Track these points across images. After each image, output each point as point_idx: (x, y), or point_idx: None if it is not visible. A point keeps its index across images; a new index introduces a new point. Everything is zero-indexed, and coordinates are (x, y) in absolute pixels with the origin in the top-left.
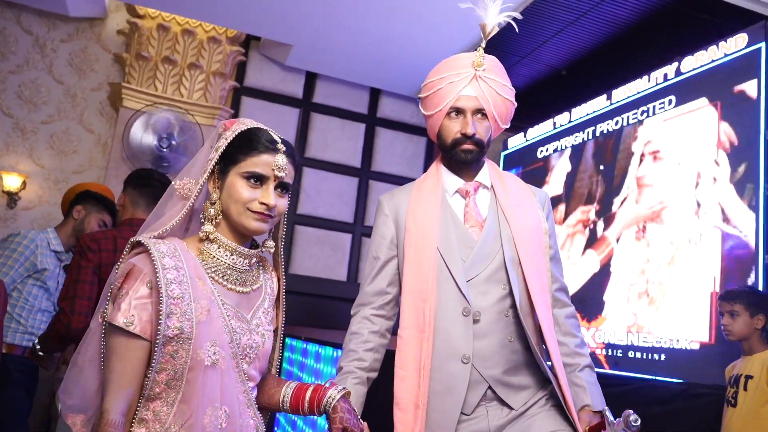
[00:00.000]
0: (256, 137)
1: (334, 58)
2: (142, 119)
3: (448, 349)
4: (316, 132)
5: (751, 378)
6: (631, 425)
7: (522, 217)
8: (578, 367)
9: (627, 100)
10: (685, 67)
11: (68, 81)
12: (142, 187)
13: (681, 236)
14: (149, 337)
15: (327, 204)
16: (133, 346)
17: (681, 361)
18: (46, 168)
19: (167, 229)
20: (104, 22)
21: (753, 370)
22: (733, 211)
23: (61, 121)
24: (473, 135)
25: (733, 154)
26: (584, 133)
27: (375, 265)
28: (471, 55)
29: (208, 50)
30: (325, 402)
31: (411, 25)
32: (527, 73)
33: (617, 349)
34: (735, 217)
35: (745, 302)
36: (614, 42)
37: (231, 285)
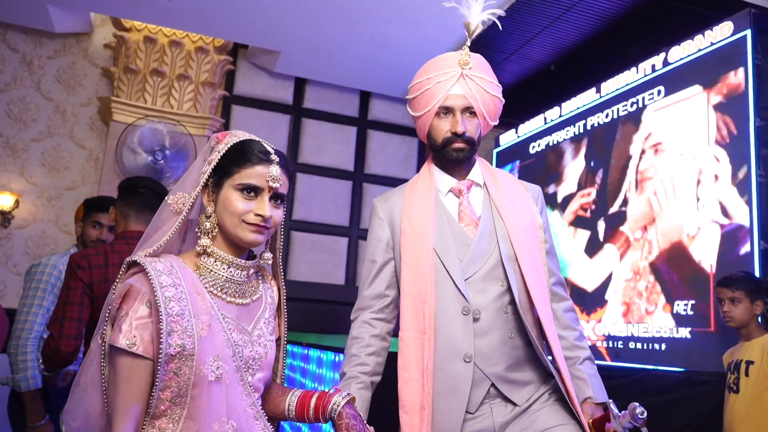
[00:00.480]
0: (249, 149)
1: (323, 63)
2: (133, 133)
3: (449, 349)
4: (308, 137)
5: (752, 363)
6: (638, 417)
7: (516, 213)
8: (579, 359)
9: (616, 93)
10: (673, 57)
11: (57, 97)
12: (128, 197)
13: (680, 228)
14: (152, 356)
15: (322, 209)
16: (137, 366)
17: (681, 350)
18: (39, 185)
19: (161, 245)
20: (90, 37)
21: (753, 355)
22: (729, 199)
23: (51, 137)
24: (463, 133)
25: (726, 143)
26: (575, 127)
27: (372, 269)
28: (457, 54)
29: (196, 60)
30: (330, 408)
31: (398, 26)
32: (516, 70)
33: (618, 340)
34: (731, 205)
35: (746, 288)
36: (601, 35)
37: (230, 298)
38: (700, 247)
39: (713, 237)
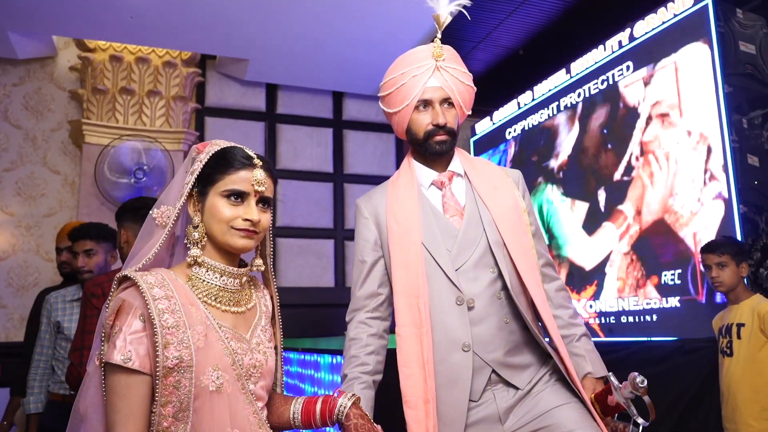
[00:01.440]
0: (231, 155)
1: (293, 68)
2: (110, 155)
3: (447, 340)
4: (285, 143)
5: (743, 326)
6: (638, 386)
7: (499, 199)
8: (575, 337)
9: (586, 72)
10: (638, 31)
11: (26, 124)
12: (139, 218)
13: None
14: (149, 371)
15: (305, 213)
16: (134, 382)
17: (672, 319)
18: (16, 215)
19: (150, 258)
20: (55, 61)
21: (744, 317)
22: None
23: (24, 166)
24: (445, 124)
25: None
26: (549, 109)
27: (363, 269)
28: (428, 47)
29: (165, 75)
30: (336, 411)
31: (365, 24)
32: (485, 58)
33: (610, 316)
34: (707, 172)
35: (731, 252)
36: (567, 16)
37: (225, 307)
38: (681, 215)
39: (692, 204)
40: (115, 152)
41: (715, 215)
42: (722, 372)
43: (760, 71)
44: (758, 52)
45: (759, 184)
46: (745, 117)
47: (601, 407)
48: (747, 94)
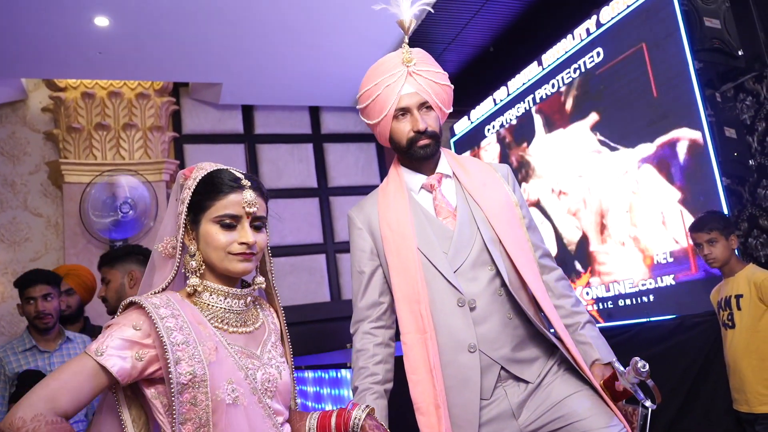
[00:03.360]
0: (218, 179)
1: (267, 87)
2: (92, 192)
3: (453, 343)
4: (266, 162)
5: (742, 297)
6: (640, 371)
7: (490, 195)
8: (579, 325)
9: (558, 62)
10: (604, 17)
11: (3, 170)
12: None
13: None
14: (118, 377)
15: (294, 230)
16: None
17: (670, 297)
18: (2, 263)
19: (162, 288)
20: (26, 103)
21: (741, 288)
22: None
23: (5, 212)
24: (426, 129)
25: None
26: (525, 103)
27: (362, 280)
28: (398, 54)
29: (139, 107)
30: (352, 424)
31: (334, 37)
32: (457, 58)
33: (607, 301)
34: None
35: (718, 227)
36: (533, 8)
37: (233, 328)
38: (665, 192)
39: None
40: (98, 189)
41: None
42: (726, 344)
43: (727, 44)
44: (723, 26)
45: (738, 155)
46: (718, 91)
47: (610, 393)
48: (717, 68)
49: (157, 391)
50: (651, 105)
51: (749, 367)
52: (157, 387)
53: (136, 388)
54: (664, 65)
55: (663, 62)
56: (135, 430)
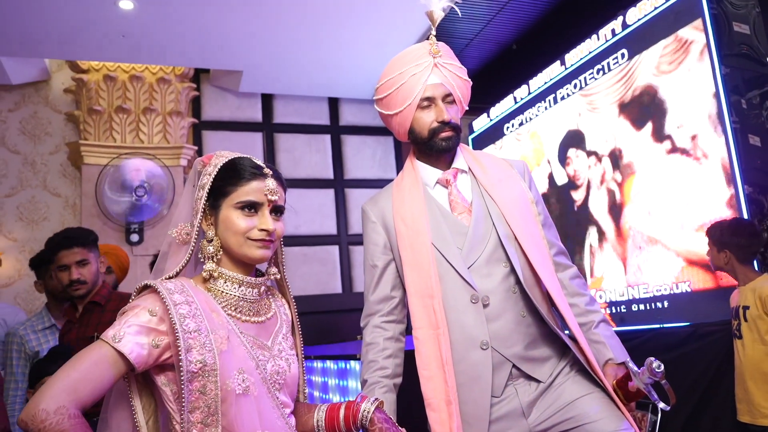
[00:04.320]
0: (240, 166)
1: (287, 76)
2: (111, 173)
3: (465, 340)
4: (283, 152)
5: (748, 308)
6: (655, 371)
7: (506, 192)
8: (593, 324)
9: (581, 62)
10: (631, 18)
11: (24, 149)
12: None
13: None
14: (134, 364)
15: (308, 221)
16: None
17: (684, 305)
18: (19, 240)
19: (175, 273)
20: (49, 84)
21: (748, 300)
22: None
23: (25, 190)
24: (450, 120)
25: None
26: (545, 102)
27: (374, 273)
28: (424, 45)
29: (160, 92)
30: (360, 416)
31: (357, 29)
32: (479, 54)
33: (620, 305)
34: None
35: (711, 237)
36: (559, 7)
37: (245, 317)
38: (687, 196)
39: (699, 187)
40: (115, 171)
41: (721, 197)
42: (736, 355)
43: (756, 51)
44: (752, 32)
45: (761, 163)
46: (744, 97)
47: (623, 393)
48: (744, 74)
49: (167, 378)
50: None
51: (752, 379)
52: (167, 374)
53: (146, 374)
54: (690, 69)
55: (689, 66)
56: (145, 416)
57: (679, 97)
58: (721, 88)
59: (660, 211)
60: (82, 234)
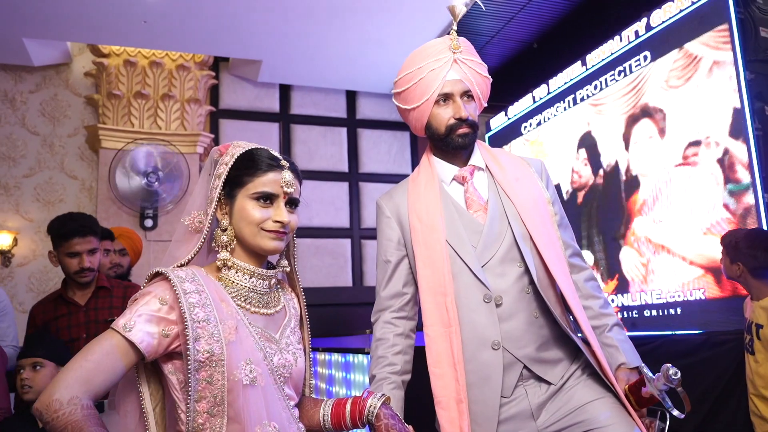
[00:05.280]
0: (258, 157)
1: (306, 68)
2: (124, 158)
3: (476, 339)
4: (299, 143)
5: (762, 328)
6: (672, 378)
7: (523, 191)
8: (606, 327)
9: (602, 63)
10: (655, 20)
11: (43, 131)
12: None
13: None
14: (144, 353)
15: (321, 213)
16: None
17: (697, 312)
18: (36, 221)
19: (188, 260)
20: (70, 67)
21: (761, 318)
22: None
23: (42, 172)
24: (467, 117)
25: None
26: (564, 102)
27: (387, 269)
28: (445, 40)
29: (179, 79)
30: (367, 412)
31: (377, 23)
32: (499, 52)
33: (632, 310)
34: (732, 162)
35: (725, 246)
36: (581, 7)
37: (255, 308)
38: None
39: (717, 194)
40: (128, 156)
41: (739, 205)
42: (747, 366)
43: None
44: None
45: None
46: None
47: (635, 399)
48: None
49: (174, 366)
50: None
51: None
52: (174, 362)
53: (155, 362)
54: (713, 73)
55: (712, 70)
56: (152, 403)
57: (695, 106)
58: (745, 94)
59: (674, 218)
60: (95, 223)
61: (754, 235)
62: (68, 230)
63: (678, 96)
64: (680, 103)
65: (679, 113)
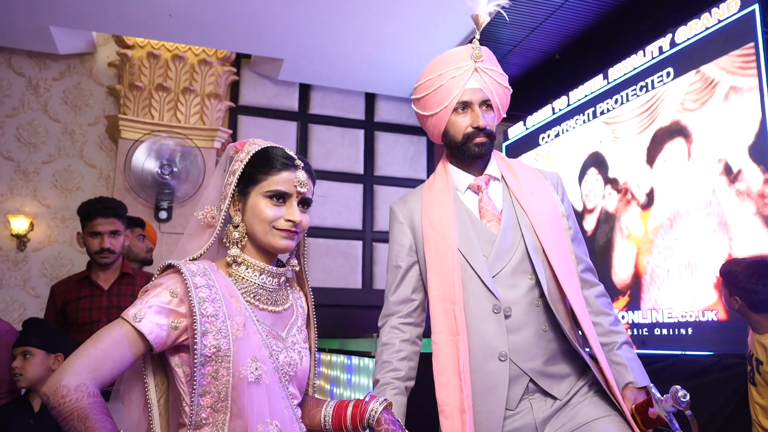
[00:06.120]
0: (273, 155)
1: (327, 68)
2: (141, 148)
3: (483, 349)
4: (316, 143)
5: (762, 364)
6: (680, 401)
7: (537, 203)
8: (616, 345)
9: (624, 78)
10: (680, 37)
11: (65, 118)
12: None
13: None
14: (153, 345)
15: (334, 213)
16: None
17: (709, 334)
18: (52, 207)
19: (200, 255)
20: (94, 57)
21: (760, 354)
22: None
23: (61, 159)
24: (485, 127)
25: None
26: (584, 115)
27: (397, 274)
28: (467, 49)
29: (200, 73)
30: (367, 416)
31: (400, 26)
32: (521, 62)
33: (642, 328)
34: (753, 184)
35: (723, 279)
36: (605, 20)
37: (263, 305)
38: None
39: (736, 214)
40: (145, 147)
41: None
42: (749, 396)
43: None
44: None
45: None
46: None
47: (641, 419)
48: None
49: (180, 359)
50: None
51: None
52: (181, 355)
53: (162, 353)
54: (737, 94)
55: (736, 90)
56: (157, 394)
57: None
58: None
59: (691, 240)
60: (120, 206)
61: (753, 266)
62: (93, 210)
63: (696, 118)
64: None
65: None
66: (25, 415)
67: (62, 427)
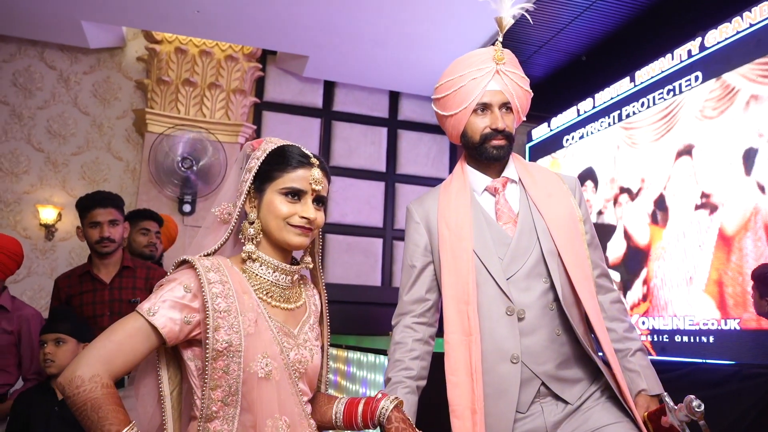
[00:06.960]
0: (289, 153)
1: (351, 65)
2: (166, 141)
3: (496, 351)
4: (339, 140)
5: None
6: (695, 410)
7: (554, 207)
8: (629, 351)
9: (651, 81)
10: (710, 41)
11: (94, 111)
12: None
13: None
14: (166, 338)
15: (355, 210)
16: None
17: (731, 342)
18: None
19: (214, 250)
20: (123, 51)
21: None
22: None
23: (90, 151)
24: (504, 129)
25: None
26: (609, 118)
27: (411, 274)
28: (489, 50)
29: (227, 69)
30: (378, 413)
31: (425, 25)
32: (546, 63)
33: (663, 334)
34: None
35: (755, 282)
36: (633, 22)
37: (275, 302)
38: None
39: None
40: (169, 140)
41: None
42: None
43: None
44: None
45: None
46: None
47: (654, 427)
48: None
49: (193, 353)
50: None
51: None
52: (193, 349)
53: (175, 347)
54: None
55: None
56: (170, 387)
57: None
58: None
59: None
60: (117, 197)
61: None
62: (91, 201)
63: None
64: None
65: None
66: (49, 401)
67: (76, 416)
